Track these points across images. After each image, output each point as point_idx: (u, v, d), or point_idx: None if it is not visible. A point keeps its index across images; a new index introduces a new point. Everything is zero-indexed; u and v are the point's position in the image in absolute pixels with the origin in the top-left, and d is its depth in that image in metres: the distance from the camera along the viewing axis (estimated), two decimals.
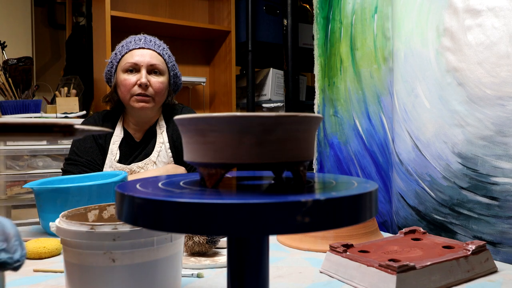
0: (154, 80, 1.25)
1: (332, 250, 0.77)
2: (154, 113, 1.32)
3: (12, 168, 1.94)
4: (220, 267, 0.80)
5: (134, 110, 1.27)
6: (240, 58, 2.50)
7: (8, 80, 2.03)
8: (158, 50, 1.27)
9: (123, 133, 1.32)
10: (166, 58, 1.29)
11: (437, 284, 0.68)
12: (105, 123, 1.33)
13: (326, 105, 1.45)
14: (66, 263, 0.57)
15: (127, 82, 1.24)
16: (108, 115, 1.35)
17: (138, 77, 1.23)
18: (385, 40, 1.22)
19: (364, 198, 0.35)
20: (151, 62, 1.24)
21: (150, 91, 1.24)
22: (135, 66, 1.24)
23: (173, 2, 2.52)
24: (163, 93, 1.28)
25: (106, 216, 0.68)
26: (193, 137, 0.39)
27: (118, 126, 1.32)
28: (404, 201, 1.11)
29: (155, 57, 1.26)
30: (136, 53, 1.25)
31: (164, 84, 1.27)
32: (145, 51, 1.25)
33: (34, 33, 3.16)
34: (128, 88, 1.24)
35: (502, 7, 0.90)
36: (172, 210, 0.31)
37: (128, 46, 1.27)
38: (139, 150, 1.31)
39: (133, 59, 1.24)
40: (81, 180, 1.11)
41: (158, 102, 1.28)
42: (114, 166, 1.26)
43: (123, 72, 1.25)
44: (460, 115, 0.96)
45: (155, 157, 1.29)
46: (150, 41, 1.28)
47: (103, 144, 1.30)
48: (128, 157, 1.30)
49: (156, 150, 1.30)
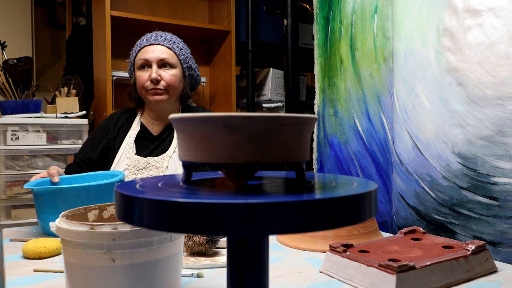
0: (165, 74, 1.30)
1: (332, 250, 0.77)
2: (171, 106, 1.37)
3: (12, 168, 1.94)
4: (220, 267, 0.80)
5: (151, 104, 1.34)
6: (240, 58, 2.50)
7: (8, 80, 2.03)
8: (168, 45, 1.32)
9: (139, 127, 1.37)
10: (177, 51, 1.33)
11: (437, 284, 0.68)
12: (119, 120, 1.39)
13: (326, 105, 1.45)
14: (66, 263, 0.57)
15: (141, 79, 1.31)
16: (125, 112, 1.42)
17: (150, 73, 1.30)
18: (385, 40, 1.22)
19: (364, 198, 0.35)
20: (160, 57, 1.29)
21: (162, 84, 1.30)
22: (147, 62, 1.30)
23: (173, 2, 2.52)
24: (176, 85, 1.32)
25: (106, 216, 0.68)
26: (187, 136, 0.39)
27: (135, 122, 1.38)
28: (404, 201, 1.11)
29: (165, 52, 1.31)
30: (147, 50, 1.31)
31: (176, 77, 1.32)
32: (155, 47, 1.31)
33: (34, 33, 3.16)
34: (142, 83, 1.31)
35: (502, 7, 0.90)
36: (172, 210, 0.31)
37: (140, 44, 1.34)
38: (156, 144, 1.36)
39: (144, 56, 1.30)
40: (79, 180, 1.11)
41: (172, 94, 1.33)
42: (131, 158, 1.31)
43: (138, 69, 1.33)
44: (460, 115, 0.96)
45: (171, 152, 1.32)
46: (160, 37, 1.33)
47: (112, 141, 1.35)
48: (144, 150, 1.35)
49: (173, 146, 1.34)
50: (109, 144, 1.34)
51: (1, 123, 1.90)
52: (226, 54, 2.46)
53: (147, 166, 1.29)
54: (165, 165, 1.29)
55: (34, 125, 1.96)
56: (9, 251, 0.90)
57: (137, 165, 1.29)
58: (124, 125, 1.38)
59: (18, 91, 2.06)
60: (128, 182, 0.42)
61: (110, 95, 2.02)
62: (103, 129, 1.37)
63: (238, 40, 2.43)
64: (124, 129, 1.37)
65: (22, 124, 1.94)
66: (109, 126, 1.37)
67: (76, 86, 2.33)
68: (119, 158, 1.31)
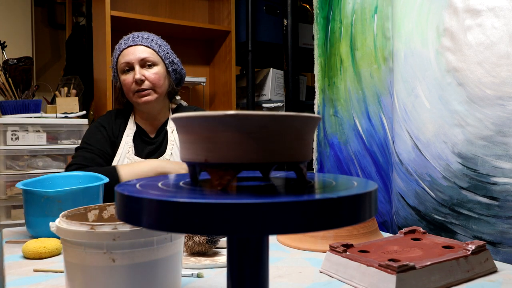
0: (148, 73, 1.29)
1: (332, 250, 0.77)
2: (160, 104, 1.36)
3: (12, 168, 1.94)
4: (220, 267, 0.80)
5: (141, 106, 1.33)
6: (240, 58, 2.50)
7: (8, 80, 2.03)
8: (147, 43, 1.31)
9: (135, 127, 1.37)
10: (156, 48, 1.31)
11: (437, 284, 0.68)
12: (117, 119, 1.38)
13: (326, 105, 1.45)
14: (66, 263, 0.57)
15: (126, 82, 1.30)
16: (120, 112, 1.41)
17: (134, 74, 1.28)
18: (385, 40, 1.22)
19: (364, 198, 0.35)
20: (141, 57, 1.29)
21: (147, 84, 1.29)
22: (129, 64, 1.29)
23: (173, 2, 2.52)
24: (161, 82, 1.31)
25: (106, 216, 0.68)
26: (190, 135, 0.39)
27: (130, 121, 1.38)
28: (404, 201, 1.11)
29: (145, 51, 1.29)
30: (126, 52, 1.30)
31: (160, 74, 1.31)
32: (134, 48, 1.30)
33: (34, 33, 3.16)
34: (128, 87, 1.30)
35: (502, 7, 0.90)
36: (172, 210, 0.31)
37: (119, 47, 1.33)
38: (153, 146, 1.35)
39: (125, 59, 1.29)
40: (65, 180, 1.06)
41: (160, 93, 1.32)
42: (131, 158, 1.30)
43: (121, 73, 1.32)
44: (460, 115, 0.96)
45: (168, 156, 1.32)
46: (138, 37, 1.32)
47: (114, 138, 1.34)
48: (142, 151, 1.34)
49: (169, 149, 1.34)
50: (110, 139, 1.33)
51: (1, 123, 1.90)
52: (226, 54, 2.46)
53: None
54: None
55: (34, 125, 1.96)
56: (9, 251, 0.90)
57: None
58: (122, 123, 1.37)
59: (18, 91, 2.06)
60: (128, 182, 0.42)
61: (110, 95, 2.02)
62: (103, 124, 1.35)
63: (238, 40, 2.43)
64: (123, 127, 1.36)
65: (22, 124, 1.94)
66: (109, 122, 1.36)
67: (76, 86, 2.33)
68: (119, 157, 1.31)
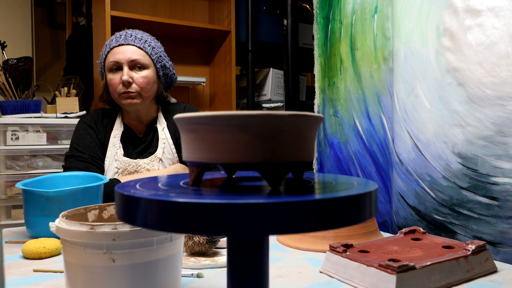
0: (137, 76, 1.23)
1: (332, 250, 0.77)
2: (147, 108, 1.31)
3: (12, 168, 1.94)
4: (220, 267, 0.80)
5: (125, 107, 1.27)
6: (240, 58, 2.50)
7: (8, 80, 2.03)
8: (139, 44, 1.24)
9: (123, 127, 1.31)
10: (148, 50, 1.25)
11: (437, 284, 0.68)
12: (104, 119, 1.32)
13: (326, 105, 1.45)
14: (66, 263, 0.57)
15: (113, 82, 1.23)
16: (106, 111, 1.35)
17: (121, 75, 1.22)
18: (385, 40, 1.22)
19: (364, 198, 0.35)
20: (131, 58, 1.22)
21: (134, 87, 1.23)
22: (117, 64, 1.22)
23: (173, 2, 2.52)
24: (149, 87, 1.25)
25: (106, 216, 0.68)
26: (193, 135, 0.39)
27: (117, 121, 1.32)
28: (404, 201, 1.11)
29: (136, 52, 1.23)
30: (116, 50, 1.23)
31: (149, 78, 1.24)
32: (125, 47, 1.23)
33: (34, 33, 3.16)
34: (114, 88, 1.23)
35: (502, 7, 0.90)
36: (172, 210, 0.31)
37: (110, 44, 1.25)
38: (142, 146, 1.31)
39: (114, 58, 1.22)
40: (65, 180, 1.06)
41: (146, 97, 1.26)
42: (120, 160, 1.26)
43: (108, 72, 1.25)
44: (460, 115, 0.96)
45: (160, 154, 1.28)
46: (130, 36, 1.25)
47: (103, 140, 1.29)
48: (131, 151, 1.30)
49: (160, 147, 1.29)
50: (100, 141, 1.28)
51: (1, 123, 1.90)
52: (226, 54, 2.46)
53: (138, 168, 1.26)
54: (155, 167, 1.27)
55: (34, 125, 1.96)
56: (9, 251, 0.90)
57: (127, 168, 1.25)
58: (109, 123, 1.31)
59: (18, 91, 2.06)
60: (128, 182, 0.42)
61: None
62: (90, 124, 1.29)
63: (238, 40, 2.43)
64: (109, 127, 1.31)
65: (22, 124, 1.94)
66: (96, 122, 1.30)
67: (76, 86, 2.33)
68: (109, 160, 1.27)
